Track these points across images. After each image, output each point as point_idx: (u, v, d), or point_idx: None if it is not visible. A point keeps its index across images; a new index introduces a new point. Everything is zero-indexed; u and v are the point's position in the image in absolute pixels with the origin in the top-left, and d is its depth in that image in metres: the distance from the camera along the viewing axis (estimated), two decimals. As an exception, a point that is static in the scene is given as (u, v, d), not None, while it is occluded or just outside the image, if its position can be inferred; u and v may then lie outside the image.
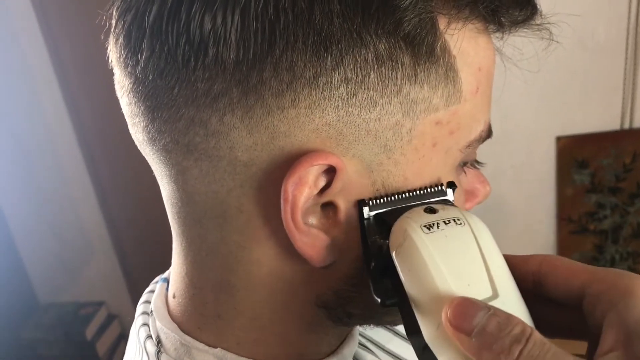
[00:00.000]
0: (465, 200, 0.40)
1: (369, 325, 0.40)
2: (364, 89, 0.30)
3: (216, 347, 0.38)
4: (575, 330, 0.31)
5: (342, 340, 0.43)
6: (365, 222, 0.33)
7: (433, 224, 0.30)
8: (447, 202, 0.34)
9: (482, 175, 0.42)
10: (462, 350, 0.27)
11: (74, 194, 2.05)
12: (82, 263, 2.14)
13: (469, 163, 0.38)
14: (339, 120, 0.30)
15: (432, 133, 0.33)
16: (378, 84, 0.30)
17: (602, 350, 0.27)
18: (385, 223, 0.32)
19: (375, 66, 0.30)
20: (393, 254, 0.31)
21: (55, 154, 2.00)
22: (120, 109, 0.36)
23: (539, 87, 1.77)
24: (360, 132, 0.31)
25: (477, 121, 0.35)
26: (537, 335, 0.26)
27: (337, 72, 0.30)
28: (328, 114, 0.30)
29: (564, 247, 1.99)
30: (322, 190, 0.32)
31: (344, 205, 0.33)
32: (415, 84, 0.31)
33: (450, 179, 0.35)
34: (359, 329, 0.48)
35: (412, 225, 0.30)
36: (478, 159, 0.40)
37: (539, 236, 2.03)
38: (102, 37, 0.35)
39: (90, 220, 2.06)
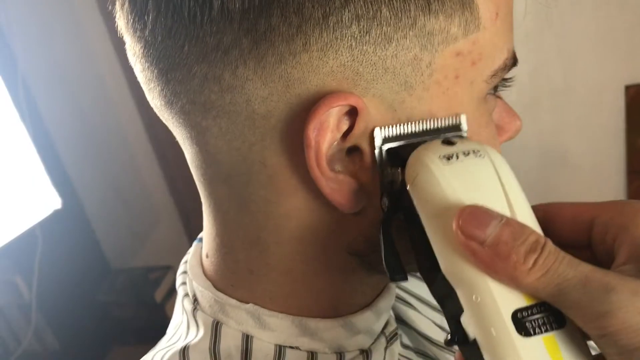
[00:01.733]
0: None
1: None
2: (377, 24, 0.29)
3: (248, 303, 0.38)
4: None
5: (379, 293, 0.42)
6: (378, 155, 0.32)
7: (452, 155, 0.30)
8: (462, 137, 0.33)
9: (511, 110, 0.40)
10: (477, 263, 0.26)
11: (138, 162, 2.12)
12: (149, 230, 2.23)
13: (499, 87, 0.37)
14: (354, 60, 0.29)
15: (454, 65, 0.31)
16: (391, 18, 0.29)
17: (617, 265, 0.27)
18: (399, 157, 0.31)
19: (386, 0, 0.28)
20: (408, 186, 0.30)
21: (119, 124, 2.07)
22: None
23: (603, 33, 1.67)
24: (378, 70, 0.30)
25: (499, 49, 0.33)
26: (551, 244, 0.26)
27: (347, 10, 0.28)
28: (342, 55, 0.29)
29: (634, 202, 1.89)
30: (346, 135, 0.31)
31: (369, 149, 0.32)
32: (429, 14, 0.30)
33: (479, 113, 0.34)
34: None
35: (430, 155, 0.30)
36: (540, 111, 0.38)
37: (608, 191, 1.94)
38: (109, 7, 0.35)
39: (155, 188, 2.13)
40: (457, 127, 0.33)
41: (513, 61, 0.35)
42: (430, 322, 0.50)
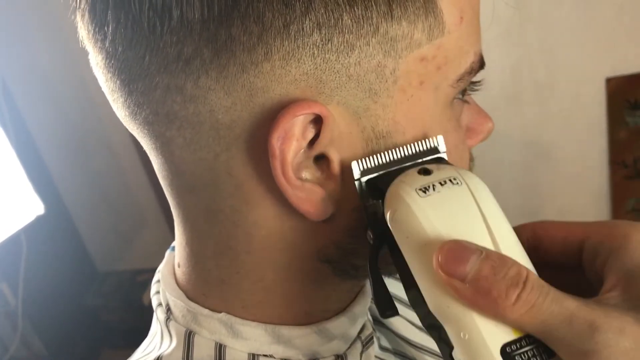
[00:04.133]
0: (467, 138, 0.38)
1: None
2: (339, 32, 0.29)
3: (221, 312, 0.38)
4: (575, 292, 0.30)
5: (354, 297, 0.42)
6: (358, 187, 0.32)
7: (428, 186, 0.29)
8: (441, 160, 0.32)
9: (482, 111, 0.40)
10: (460, 300, 0.26)
11: (122, 164, 2.10)
12: (136, 232, 2.22)
13: (467, 90, 0.36)
14: (316, 68, 0.29)
15: (418, 70, 0.31)
16: (353, 25, 0.29)
17: (604, 291, 0.26)
18: (379, 189, 0.31)
19: (347, 7, 0.28)
20: (388, 221, 0.29)
21: (102, 126, 2.05)
22: None
23: (583, 25, 1.68)
24: (341, 78, 0.30)
25: (465, 53, 0.33)
26: (533, 277, 0.26)
27: (307, 18, 0.28)
28: (304, 63, 0.29)
29: (618, 193, 1.91)
30: (312, 143, 0.31)
31: (336, 157, 0.32)
32: (392, 20, 0.29)
33: (446, 118, 0.34)
34: None
35: (406, 189, 0.29)
36: (523, 105, 0.38)
37: (592, 183, 1.96)
38: (71, 16, 0.34)
39: (140, 190, 2.12)
40: (435, 150, 0.32)
41: (480, 64, 0.35)
42: (408, 323, 0.50)
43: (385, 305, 0.30)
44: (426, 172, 0.30)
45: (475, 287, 0.25)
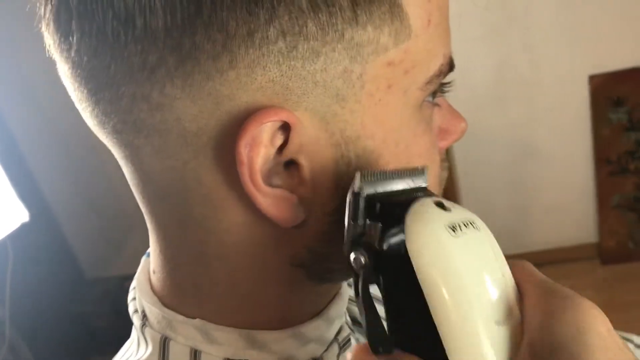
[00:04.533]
0: (440, 139, 0.38)
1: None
2: (304, 39, 0.29)
3: (195, 318, 0.38)
4: None
5: (330, 299, 0.42)
6: (352, 202, 0.29)
7: (455, 226, 0.27)
8: (422, 189, 0.32)
9: (456, 112, 0.40)
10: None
11: (109, 169, 2.09)
12: (124, 238, 2.21)
13: (438, 92, 0.36)
14: (282, 75, 0.29)
15: (385, 75, 0.31)
16: (317, 32, 0.29)
17: None
18: (374, 205, 0.29)
19: (312, 14, 0.28)
20: (414, 257, 0.27)
21: (88, 131, 2.04)
22: None
23: (566, 24, 1.69)
24: (308, 85, 0.30)
25: (434, 56, 0.33)
26: None
27: (272, 26, 0.28)
28: (270, 71, 0.29)
29: (603, 189, 1.92)
30: (282, 149, 0.31)
31: (307, 162, 0.32)
32: (357, 26, 0.29)
33: (415, 121, 0.34)
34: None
35: (438, 224, 0.27)
36: (508, 104, 0.38)
37: (577, 180, 1.98)
38: (36, 25, 0.34)
39: (127, 195, 2.08)
40: (421, 172, 0.32)
41: (450, 67, 0.35)
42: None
43: (380, 340, 0.29)
44: (443, 206, 0.28)
45: None
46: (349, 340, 0.44)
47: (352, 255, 0.29)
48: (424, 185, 0.32)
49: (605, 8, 1.67)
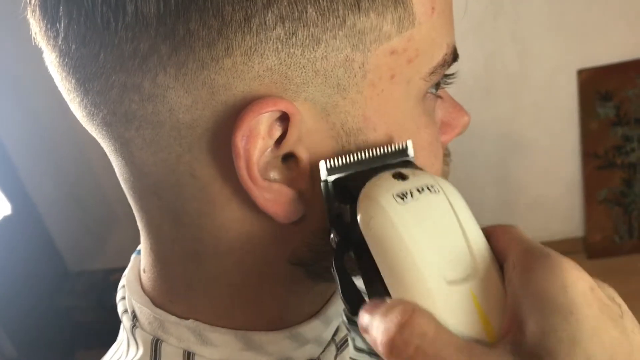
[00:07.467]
0: (442, 133, 0.37)
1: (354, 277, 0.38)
2: (303, 26, 0.27)
3: (188, 319, 0.36)
4: None
5: (328, 299, 0.41)
6: (324, 188, 0.30)
7: (406, 193, 0.28)
8: (409, 164, 0.31)
9: (458, 105, 0.38)
10: None
11: (92, 162, 2.07)
12: (108, 230, 2.18)
13: (441, 84, 0.35)
14: (281, 63, 0.28)
15: (388, 64, 0.30)
16: (318, 18, 0.27)
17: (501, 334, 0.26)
18: (347, 191, 0.30)
19: None
20: (362, 228, 0.28)
21: (72, 124, 2.02)
22: None
23: (555, 17, 1.69)
24: (308, 74, 0.28)
25: (438, 45, 0.32)
26: (417, 321, 0.24)
27: (270, 11, 0.27)
28: (268, 58, 0.28)
29: (590, 183, 1.93)
30: (280, 141, 0.30)
31: (305, 155, 0.30)
32: (359, 12, 0.28)
33: (418, 113, 0.32)
34: None
35: (384, 194, 0.28)
36: (496, 98, 0.37)
37: (565, 174, 1.98)
38: (22, 13, 0.32)
39: (111, 188, 2.09)
40: (403, 152, 0.31)
41: (454, 57, 0.34)
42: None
43: (356, 305, 0.29)
44: (402, 176, 0.29)
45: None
46: (346, 340, 0.43)
47: (331, 236, 0.31)
48: (407, 159, 0.32)
49: (594, 2, 1.67)
